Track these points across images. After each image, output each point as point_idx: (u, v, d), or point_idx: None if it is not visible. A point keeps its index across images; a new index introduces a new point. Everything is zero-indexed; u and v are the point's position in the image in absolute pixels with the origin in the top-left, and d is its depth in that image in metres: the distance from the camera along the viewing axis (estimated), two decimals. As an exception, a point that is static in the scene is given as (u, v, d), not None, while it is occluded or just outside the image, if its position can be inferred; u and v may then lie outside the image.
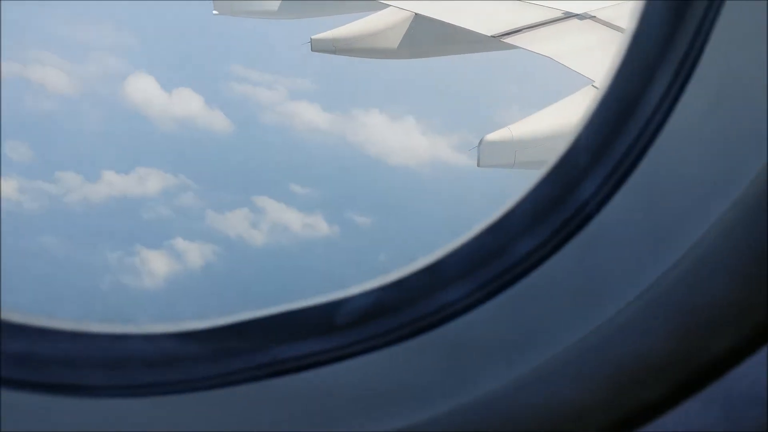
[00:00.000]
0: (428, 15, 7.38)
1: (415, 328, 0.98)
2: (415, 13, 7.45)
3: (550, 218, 0.99)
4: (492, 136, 5.17)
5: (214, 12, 9.54)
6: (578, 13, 6.12)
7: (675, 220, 0.96)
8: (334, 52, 7.75)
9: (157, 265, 34.54)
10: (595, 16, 5.94)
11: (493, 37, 6.30)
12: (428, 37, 7.58)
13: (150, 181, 42.24)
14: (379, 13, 7.67)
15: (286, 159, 46.47)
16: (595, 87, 4.85)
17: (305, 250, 37.41)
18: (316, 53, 7.75)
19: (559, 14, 6.22)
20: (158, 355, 0.97)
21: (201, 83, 55.72)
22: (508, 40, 6.16)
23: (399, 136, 49.64)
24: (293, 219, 39.27)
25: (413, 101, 53.67)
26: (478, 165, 5.31)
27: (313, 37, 7.73)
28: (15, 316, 0.95)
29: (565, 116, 5.06)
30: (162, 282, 34.13)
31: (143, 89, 54.26)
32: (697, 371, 0.95)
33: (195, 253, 35.80)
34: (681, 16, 0.96)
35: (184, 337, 0.98)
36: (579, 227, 0.98)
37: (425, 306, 0.99)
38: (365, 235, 38.20)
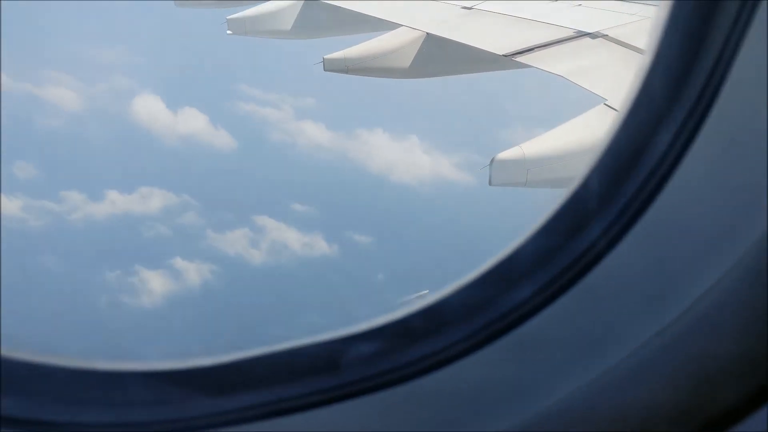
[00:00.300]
0: (440, 35, 7.42)
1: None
2: (427, 33, 7.48)
3: (552, 264, 0.97)
4: (504, 155, 5.14)
5: (228, 32, 9.63)
6: (590, 31, 6.11)
7: (680, 274, 0.95)
8: (346, 71, 7.79)
9: (155, 284, 34.29)
10: (607, 35, 5.93)
11: (505, 56, 6.30)
12: (440, 56, 7.60)
13: (152, 201, 42.48)
14: (392, 33, 7.72)
15: (288, 178, 46.61)
16: (608, 105, 4.83)
17: (304, 269, 37.09)
18: (326, 73, 7.79)
19: (571, 33, 6.22)
20: (157, 394, 0.95)
21: (208, 102, 56.21)
22: (521, 59, 6.17)
23: (401, 155, 49.78)
24: (293, 238, 39.08)
25: (417, 120, 53.86)
26: (490, 184, 5.27)
27: (325, 56, 7.78)
28: (14, 353, 0.93)
29: (577, 135, 5.03)
30: (160, 301, 33.89)
31: (150, 108, 54.92)
32: (700, 427, 0.93)
33: (193, 273, 35.51)
34: (695, 57, 0.94)
35: (185, 375, 0.95)
36: (581, 274, 0.96)
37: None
38: (364, 255, 37.85)
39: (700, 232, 0.95)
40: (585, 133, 4.84)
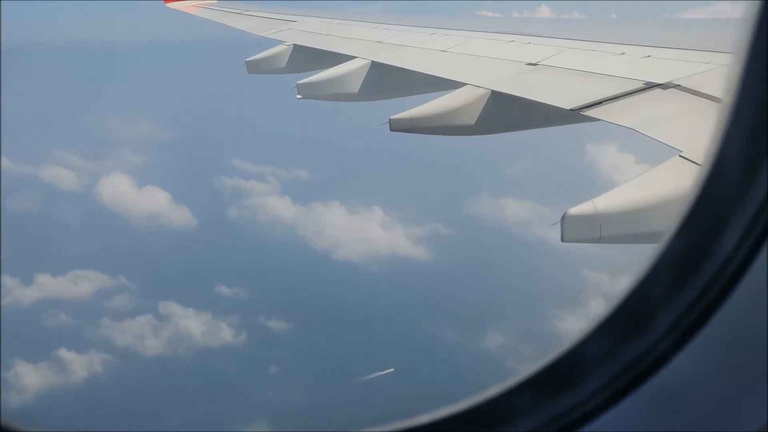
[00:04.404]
0: (505, 91, 7.41)
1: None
2: (492, 90, 7.49)
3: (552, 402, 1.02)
4: (575, 210, 4.99)
5: (298, 96, 9.92)
6: (661, 82, 5.97)
7: None
8: (412, 130, 7.85)
9: (31, 379, 32.34)
10: (679, 85, 5.76)
11: (572, 110, 6.21)
12: (506, 113, 7.57)
13: (83, 284, 41.48)
14: (457, 91, 7.76)
15: (229, 258, 45.38)
16: (683, 157, 4.63)
17: (197, 360, 35.11)
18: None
19: (641, 85, 6.09)
20: None
21: (185, 179, 55.76)
22: (588, 113, 6.06)
23: (354, 231, 48.42)
24: (196, 326, 37.40)
25: (391, 189, 52.29)
26: (562, 240, 5.12)
27: (391, 117, 7.88)
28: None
29: (652, 188, 4.84)
30: (30, 398, 31.77)
31: (116, 188, 56.36)
32: None
33: (80, 365, 33.84)
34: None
35: None
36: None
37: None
38: (271, 344, 35.61)
39: (705, 408, 0.93)
40: (660, 186, 4.65)
